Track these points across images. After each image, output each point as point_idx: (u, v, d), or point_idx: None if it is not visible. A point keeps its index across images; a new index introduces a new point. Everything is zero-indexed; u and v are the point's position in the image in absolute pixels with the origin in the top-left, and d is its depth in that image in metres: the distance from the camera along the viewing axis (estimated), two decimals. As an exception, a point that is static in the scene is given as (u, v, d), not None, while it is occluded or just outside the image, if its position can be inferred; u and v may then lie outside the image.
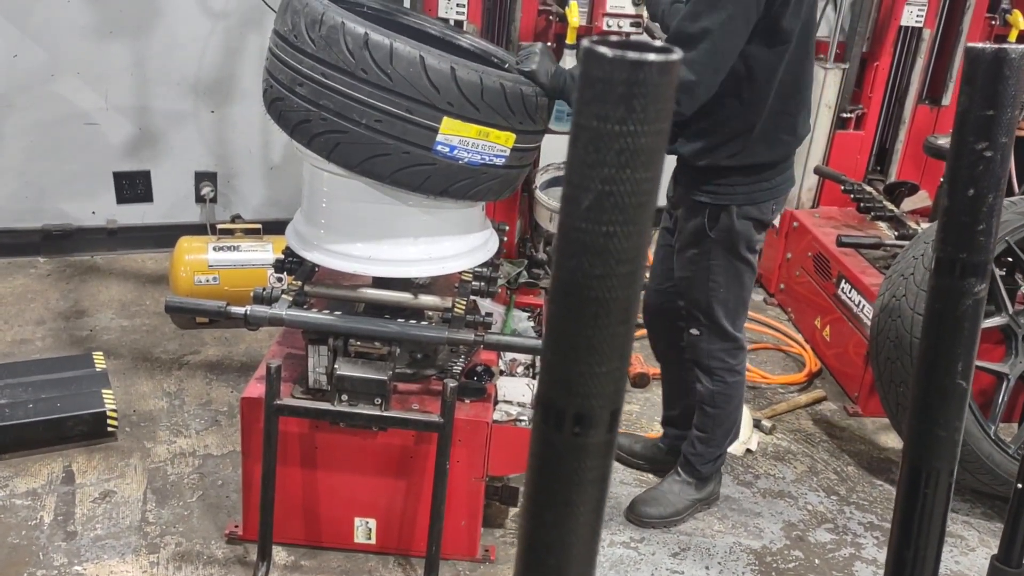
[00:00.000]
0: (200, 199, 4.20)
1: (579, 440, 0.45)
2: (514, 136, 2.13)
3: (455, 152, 2.10)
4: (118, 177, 4.08)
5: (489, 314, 2.43)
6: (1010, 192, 3.63)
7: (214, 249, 3.58)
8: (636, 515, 2.71)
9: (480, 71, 2.07)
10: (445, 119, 2.05)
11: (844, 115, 4.04)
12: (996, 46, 0.71)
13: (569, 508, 0.46)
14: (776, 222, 4.24)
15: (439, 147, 2.07)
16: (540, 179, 3.29)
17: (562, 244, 0.44)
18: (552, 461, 0.46)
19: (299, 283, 2.40)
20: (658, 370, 3.00)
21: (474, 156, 2.12)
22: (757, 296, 4.29)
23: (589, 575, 0.47)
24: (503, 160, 2.17)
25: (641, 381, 3.45)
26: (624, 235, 0.42)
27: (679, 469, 2.77)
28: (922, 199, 3.94)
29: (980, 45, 0.71)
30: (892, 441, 3.25)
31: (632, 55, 0.43)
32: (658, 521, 2.70)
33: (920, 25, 3.96)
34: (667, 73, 0.42)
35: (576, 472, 0.46)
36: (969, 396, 0.67)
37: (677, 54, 0.43)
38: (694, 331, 2.60)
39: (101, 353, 3.14)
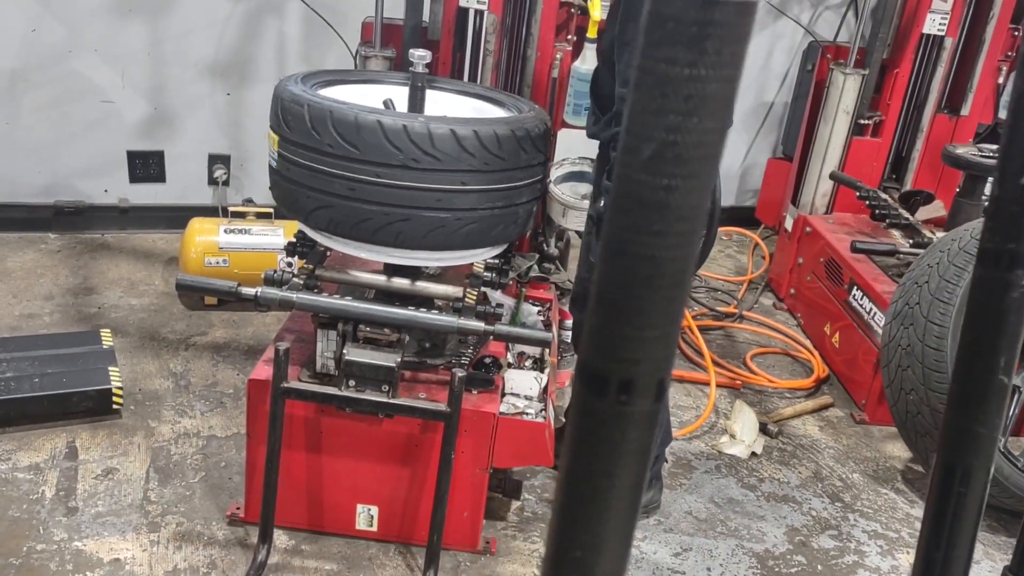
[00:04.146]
0: (213, 181, 4.19)
1: (624, 409, 0.43)
2: (276, 137, 2.25)
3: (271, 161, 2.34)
4: (132, 156, 4.07)
5: (500, 305, 2.41)
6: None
7: (225, 231, 3.57)
8: None
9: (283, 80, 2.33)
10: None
11: (862, 121, 4.00)
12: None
13: (609, 481, 0.44)
14: (788, 226, 4.23)
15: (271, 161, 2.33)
16: (555, 173, 3.26)
17: (617, 198, 0.41)
18: (593, 430, 0.44)
19: (310, 267, 2.39)
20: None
21: (271, 160, 2.33)
22: (766, 300, 4.27)
23: (625, 553, 0.45)
24: (275, 162, 2.29)
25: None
26: (685, 189, 0.40)
27: None
28: (937, 208, 3.91)
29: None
30: (898, 450, 3.23)
31: (707, -9, 0.40)
32: None
33: (942, 34, 3.92)
34: (745, 13, 0.40)
35: (619, 443, 0.44)
36: (1009, 393, 0.65)
37: None
38: None
39: (108, 330, 3.14)
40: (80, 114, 3.92)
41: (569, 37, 3.19)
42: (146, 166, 4.10)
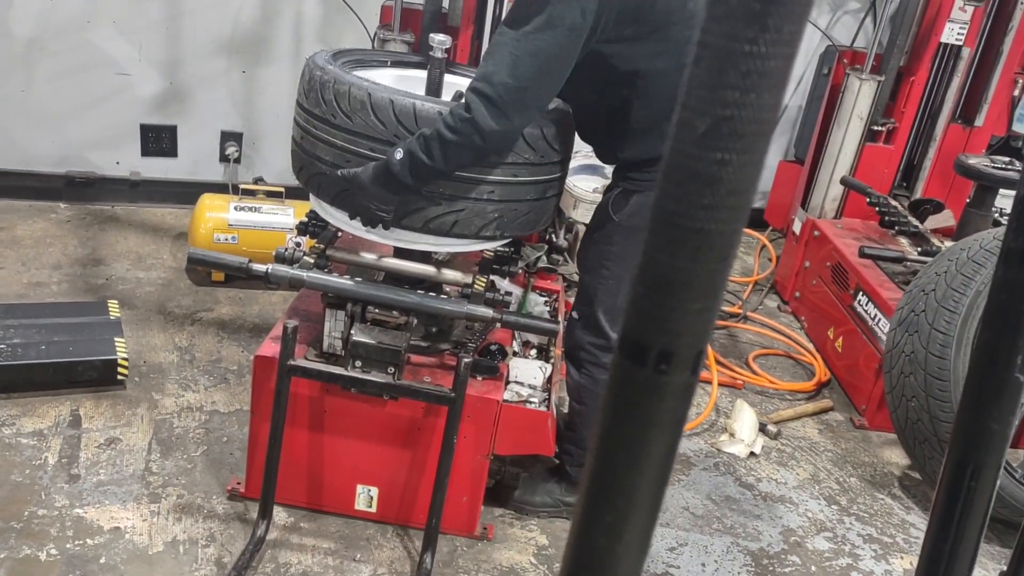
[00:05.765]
0: (224, 158, 4.20)
1: (662, 379, 0.45)
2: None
3: None
4: (144, 130, 4.08)
5: (508, 293, 2.42)
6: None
7: (235, 208, 3.58)
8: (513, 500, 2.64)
9: None
10: None
11: (875, 128, 4.00)
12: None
13: (644, 448, 0.45)
14: (796, 230, 4.23)
15: None
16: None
17: (669, 170, 0.42)
18: (631, 399, 0.45)
19: (321, 247, 2.40)
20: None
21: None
22: (771, 302, 4.28)
23: (653, 520, 0.46)
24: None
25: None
26: (739, 164, 0.41)
27: (554, 468, 2.65)
28: (947, 218, 3.91)
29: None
30: (897, 456, 3.24)
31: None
32: (521, 506, 2.63)
33: (960, 43, 3.92)
34: (808, -8, 0.40)
35: (656, 411, 0.45)
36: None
37: None
38: (574, 314, 2.52)
39: (116, 302, 3.15)
40: (95, 85, 3.92)
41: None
42: (158, 140, 4.11)
